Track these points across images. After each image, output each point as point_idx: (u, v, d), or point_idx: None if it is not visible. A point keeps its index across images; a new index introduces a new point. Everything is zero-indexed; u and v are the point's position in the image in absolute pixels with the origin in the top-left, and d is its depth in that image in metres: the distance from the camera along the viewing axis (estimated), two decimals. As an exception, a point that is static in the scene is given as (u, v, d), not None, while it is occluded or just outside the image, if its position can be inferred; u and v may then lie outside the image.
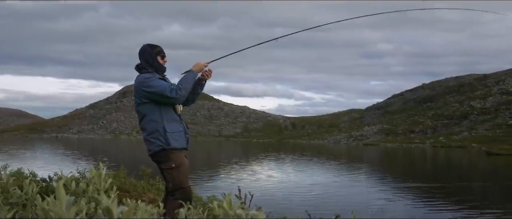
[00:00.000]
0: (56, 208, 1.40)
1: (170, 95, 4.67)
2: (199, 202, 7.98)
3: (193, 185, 14.51)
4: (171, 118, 4.86)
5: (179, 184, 4.68)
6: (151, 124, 4.78)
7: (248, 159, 40.00)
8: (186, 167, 4.86)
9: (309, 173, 26.84)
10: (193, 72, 4.99)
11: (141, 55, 4.94)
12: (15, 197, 2.19)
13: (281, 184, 20.46)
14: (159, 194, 8.38)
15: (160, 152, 4.74)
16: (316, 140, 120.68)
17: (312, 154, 51.07)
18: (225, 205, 1.46)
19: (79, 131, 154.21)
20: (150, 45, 4.99)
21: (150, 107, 4.78)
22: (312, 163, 36.91)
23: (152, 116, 4.77)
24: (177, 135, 4.82)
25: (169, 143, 4.72)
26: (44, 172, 8.48)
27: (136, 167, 13.72)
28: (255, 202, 5.16)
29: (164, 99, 4.72)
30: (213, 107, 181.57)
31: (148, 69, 4.85)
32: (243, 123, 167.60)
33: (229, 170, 27.72)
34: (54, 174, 7.46)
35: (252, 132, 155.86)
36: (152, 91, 4.70)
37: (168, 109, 4.84)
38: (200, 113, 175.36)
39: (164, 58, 4.99)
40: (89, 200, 2.08)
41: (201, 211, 2.59)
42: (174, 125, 4.85)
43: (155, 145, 4.73)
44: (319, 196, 16.58)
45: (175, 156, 4.75)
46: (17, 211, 1.98)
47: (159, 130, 4.74)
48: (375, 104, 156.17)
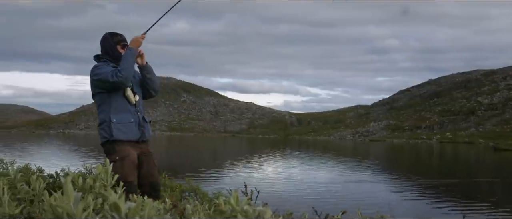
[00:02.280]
0: (63, 204, 1.40)
1: (111, 79, 4.42)
2: (205, 198, 7.98)
3: (200, 181, 14.55)
4: (120, 108, 4.60)
5: (123, 178, 4.44)
6: (101, 115, 4.61)
7: (253, 156, 40.02)
8: (130, 161, 4.51)
9: (315, 169, 26.83)
10: (131, 49, 4.64)
11: (101, 44, 4.74)
12: (22, 193, 2.20)
13: (287, 180, 20.46)
14: (165, 190, 8.39)
15: (106, 144, 4.56)
16: (322, 136, 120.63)
17: (318, 151, 51.03)
18: (232, 201, 1.45)
19: (86, 127, 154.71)
20: (111, 33, 4.77)
21: (101, 97, 4.60)
22: (318, 159, 36.89)
23: (103, 106, 4.60)
24: (124, 126, 4.56)
25: (113, 134, 4.49)
26: (51, 168, 8.52)
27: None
28: (261, 198, 5.16)
29: (110, 85, 4.48)
30: (219, 103, 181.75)
31: (105, 58, 4.66)
32: (248, 120, 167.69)
33: (235, 166, 27.75)
34: (61, 170, 7.47)
35: (258, 128, 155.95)
36: (98, 78, 4.51)
37: (118, 98, 4.60)
38: (205, 109, 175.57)
39: (125, 47, 4.71)
40: (96, 196, 2.09)
41: (207, 207, 2.59)
42: (123, 116, 4.58)
43: (101, 137, 4.57)
44: (325, 193, 16.56)
45: (119, 149, 4.49)
46: (25, 207, 1.99)
47: (106, 121, 4.55)
48: (381, 100, 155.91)
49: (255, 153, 43.46)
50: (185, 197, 8.42)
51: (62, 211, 1.40)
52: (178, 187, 8.93)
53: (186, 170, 21.63)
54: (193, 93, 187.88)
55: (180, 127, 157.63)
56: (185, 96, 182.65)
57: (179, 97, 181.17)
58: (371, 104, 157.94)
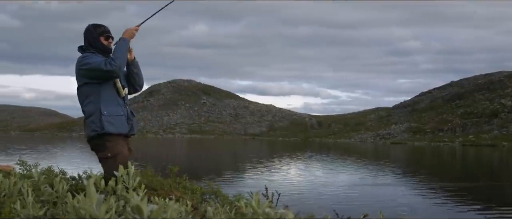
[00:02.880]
0: (86, 205, 1.41)
1: (105, 68, 4.32)
2: (226, 200, 7.99)
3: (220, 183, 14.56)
4: (111, 100, 4.50)
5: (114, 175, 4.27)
6: (89, 107, 4.45)
7: (273, 158, 39.97)
8: (123, 157, 4.37)
9: (335, 172, 26.69)
10: (124, 39, 4.59)
11: (84, 35, 4.62)
12: (46, 194, 2.23)
13: (308, 183, 20.38)
14: (185, 192, 8.42)
15: (95, 138, 4.41)
16: (343, 138, 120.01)
17: (339, 153, 50.75)
18: (254, 203, 1.45)
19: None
20: (94, 25, 4.66)
21: (89, 88, 4.45)
22: (338, 162, 36.69)
23: (91, 98, 4.45)
24: (115, 119, 4.44)
25: (103, 127, 4.34)
26: (74, 170, 8.61)
27: (162, 165, 13.83)
28: (282, 201, 5.14)
29: (101, 74, 4.37)
30: (239, 105, 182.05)
31: (90, 50, 4.55)
32: (268, 122, 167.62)
33: (255, 169, 27.74)
34: (83, 172, 7.57)
35: (278, 130, 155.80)
36: (89, 67, 4.37)
37: (108, 90, 4.49)
38: (225, 111, 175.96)
39: (109, 39, 4.63)
40: (118, 198, 2.10)
41: (228, 209, 2.59)
42: (113, 108, 4.48)
43: (91, 130, 4.40)
44: (346, 196, 16.46)
45: (111, 145, 4.38)
46: (48, 208, 2.01)
47: (95, 113, 4.40)
48: (402, 102, 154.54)
49: (275, 156, 43.42)
50: (206, 200, 8.44)
51: (85, 213, 1.41)
52: (199, 189, 8.95)
53: (207, 173, 21.69)
54: (213, 95, 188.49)
55: (200, 129, 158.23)
56: (205, 98, 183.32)
57: (199, 100, 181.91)
58: (392, 106, 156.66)
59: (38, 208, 1.94)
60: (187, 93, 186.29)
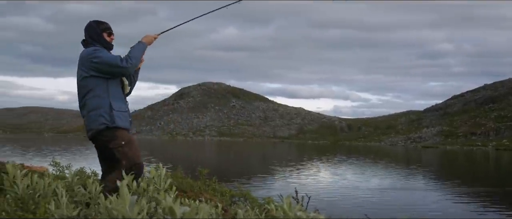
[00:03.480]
0: (119, 206, 1.42)
1: (121, 64, 4.36)
2: (255, 203, 7.99)
3: (249, 186, 14.58)
4: (118, 95, 4.53)
5: (134, 159, 4.28)
6: (95, 100, 4.40)
7: (303, 161, 39.82)
8: (136, 142, 4.51)
9: (366, 175, 26.42)
10: (143, 43, 4.67)
11: (86, 31, 4.63)
12: (79, 195, 2.26)
13: (338, 186, 20.21)
14: (215, 195, 8.45)
15: (105, 131, 4.35)
16: (373, 142, 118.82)
17: (369, 157, 50.25)
18: (285, 206, 1.44)
19: (138, 132, 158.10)
20: (96, 21, 4.68)
21: (97, 81, 4.42)
22: (368, 165, 36.33)
23: (98, 91, 4.41)
24: (122, 115, 4.48)
25: (114, 121, 4.34)
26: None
27: (192, 167, 13.92)
28: (312, 205, 5.11)
29: (114, 69, 4.40)
30: (268, 108, 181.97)
31: (95, 44, 4.54)
32: (298, 125, 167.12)
33: (284, 172, 27.67)
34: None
35: (307, 133, 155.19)
36: (102, 61, 4.37)
37: (116, 85, 4.53)
38: (255, 114, 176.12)
39: (111, 35, 4.66)
40: (149, 199, 2.11)
41: (258, 212, 2.58)
42: (121, 104, 4.51)
43: (99, 123, 4.33)
44: (376, 199, 16.27)
45: (121, 133, 4.38)
46: (82, 209, 2.03)
47: (104, 107, 4.37)
48: (433, 106, 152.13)
49: (305, 159, 43.25)
50: (235, 202, 8.45)
51: (117, 214, 1.42)
52: (228, 192, 8.97)
53: (235, 175, 21.74)
54: (243, 98, 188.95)
55: (229, 132, 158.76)
56: (234, 101, 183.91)
57: (228, 102, 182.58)
58: (423, 109, 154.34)
59: (72, 209, 1.97)
60: (216, 96, 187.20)
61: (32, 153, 37.92)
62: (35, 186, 2.20)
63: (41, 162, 19.54)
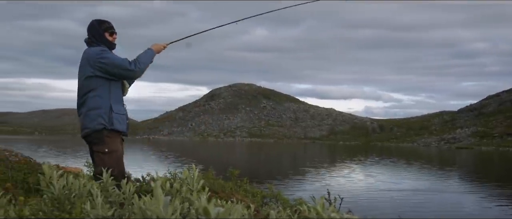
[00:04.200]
0: (153, 207, 1.43)
1: (130, 67, 4.40)
2: (287, 204, 7.98)
3: (280, 187, 14.55)
4: (119, 98, 4.57)
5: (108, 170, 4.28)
6: (95, 100, 4.43)
7: (334, 162, 39.57)
8: (119, 154, 4.49)
9: (398, 177, 26.07)
10: (152, 50, 4.71)
11: (89, 31, 4.64)
12: (114, 196, 2.29)
13: (370, 188, 20.00)
14: (246, 195, 8.47)
15: (100, 132, 4.39)
16: (405, 143, 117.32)
17: (402, 158, 49.60)
18: (318, 208, 1.43)
19: (169, 133, 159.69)
20: (98, 21, 4.69)
21: (100, 82, 4.44)
22: (401, 167, 35.86)
23: (100, 92, 4.43)
24: (121, 118, 4.52)
25: (113, 123, 4.40)
26: (138, 172, 8.84)
27: (223, 168, 13.97)
28: (345, 206, 5.06)
29: (122, 72, 4.43)
30: (299, 109, 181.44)
31: (99, 44, 4.57)
32: (329, 126, 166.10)
33: (315, 173, 27.54)
34: (147, 175, 7.75)
35: (338, 134, 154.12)
36: (110, 62, 4.39)
37: (117, 88, 4.56)
38: (285, 115, 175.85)
39: (113, 34, 4.68)
40: (182, 200, 2.13)
41: (290, 213, 2.57)
42: (120, 107, 4.55)
43: (97, 123, 4.38)
44: (410, 201, 16.04)
45: (110, 141, 4.41)
46: (116, 209, 2.06)
47: (104, 108, 4.41)
48: (468, 106, 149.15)
49: (336, 160, 42.98)
50: (266, 203, 8.45)
51: (151, 214, 1.43)
52: (259, 193, 8.98)
53: (266, 176, 21.75)
54: (273, 99, 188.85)
55: (260, 133, 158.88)
56: (265, 102, 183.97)
57: (259, 103, 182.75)
58: (457, 110, 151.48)
59: (106, 209, 2.00)
60: (247, 97, 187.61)
61: (67, 154, 38.70)
62: (70, 186, 2.24)
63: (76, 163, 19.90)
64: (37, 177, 4.46)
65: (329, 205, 2.57)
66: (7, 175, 7.58)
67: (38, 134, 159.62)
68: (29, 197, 4.66)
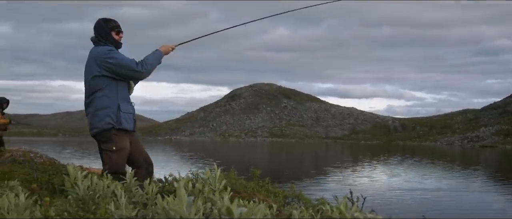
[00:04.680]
0: (176, 207, 1.44)
1: (137, 68, 4.44)
2: (309, 204, 7.95)
3: (301, 187, 14.52)
4: (126, 97, 4.63)
5: (116, 168, 4.39)
6: (103, 100, 4.48)
7: (356, 161, 39.32)
8: (126, 152, 4.60)
9: (422, 176, 25.78)
10: (160, 52, 4.74)
11: (95, 29, 4.68)
12: (137, 196, 2.31)
13: (393, 187, 19.81)
14: (268, 195, 8.46)
15: (108, 130, 4.48)
16: (428, 142, 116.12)
17: (425, 157, 49.07)
18: (342, 207, 1.42)
19: (191, 134, 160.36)
20: (104, 19, 4.72)
21: (107, 81, 4.49)
22: (424, 166, 35.47)
23: (106, 91, 4.49)
24: (128, 117, 4.60)
25: (121, 122, 4.48)
26: (160, 172, 8.90)
27: (245, 168, 13.99)
28: (367, 206, 5.02)
29: (128, 72, 4.48)
30: (320, 108, 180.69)
31: (106, 43, 4.60)
32: (350, 125, 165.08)
33: (337, 172, 27.41)
34: (169, 175, 7.79)
35: (360, 133, 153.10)
36: (117, 62, 4.44)
37: (124, 87, 4.61)
38: (306, 115, 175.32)
39: (119, 33, 4.72)
40: (205, 200, 2.13)
41: (312, 213, 2.55)
42: (127, 105, 4.63)
43: (105, 123, 4.47)
44: (433, 201, 15.85)
45: (118, 139, 4.50)
46: (139, 209, 2.08)
47: (112, 107, 4.47)
48: (492, 104, 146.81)
49: (358, 159, 42.69)
50: (288, 203, 8.43)
51: (174, 214, 1.44)
52: (281, 193, 8.97)
53: (288, 176, 21.71)
54: (294, 99, 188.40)
55: (281, 133, 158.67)
56: (286, 102, 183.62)
57: (280, 103, 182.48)
58: (481, 108, 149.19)
59: (130, 209, 2.02)
60: (268, 97, 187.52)
61: (91, 156, 39.15)
62: (95, 187, 2.26)
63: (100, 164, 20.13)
64: (62, 178, 4.52)
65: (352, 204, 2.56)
66: (32, 176, 7.70)
67: (62, 136, 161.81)
68: (54, 198, 4.73)
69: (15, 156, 11.28)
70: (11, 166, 9.99)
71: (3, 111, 12.37)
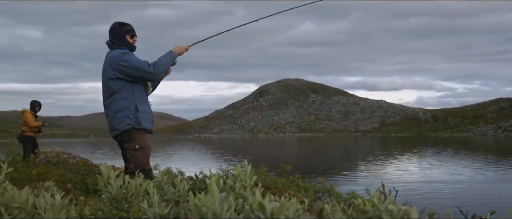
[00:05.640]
0: (208, 203, 1.44)
1: (149, 69, 4.53)
2: (340, 198, 7.91)
3: (331, 181, 14.45)
4: (143, 97, 4.73)
5: (141, 165, 4.49)
6: (121, 102, 4.61)
7: (387, 154, 38.91)
8: (149, 149, 4.76)
9: (454, 168, 25.33)
10: (173, 52, 4.82)
11: (111, 33, 4.78)
12: (169, 194, 2.32)
13: (426, 179, 19.52)
14: (299, 191, 8.45)
15: (128, 131, 4.60)
16: (460, 132, 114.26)
17: (457, 148, 48.26)
18: (375, 200, 1.40)
19: (220, 131, 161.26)
20: (120, 23, 4.82)
21: (123, 84, 4.61)
22: (457, 157, 34.87)
23: (123, 94, 4.61)
24: (147, 117, 4.70)
25: (140, 122, 4.60)
26: (191, 170, 8.97)
27: (274, 164, 13.99)
28: (400, 199, 4.96)
29: (141, 74, 4.57)
30: (349, 102, 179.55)
31: (120, 46, 4.70)
32: (380, 118, 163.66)
33: (368, 166, 27.17)
34: (199, 172, 7.85)
35: (390, 126, 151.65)
36: (129, 65, 4.54)
37: (141, 89, 4.72)
38: (335, 109, 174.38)
39: (133, 37, 4.81)
40: (236, 196, 2.14)
41: (345, 207, 2.53)
42: (145, 106, 4.73)
43: (125, 124, 4.59)
44: (467, 192, 15.56)
45: (139, 137, 4.63)
46: (172, 207, 2.10)
47: (130, 109, 4.59)
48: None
49: (388, 152, 42.24)
50: (319, 198, 8.41)
51: (206, 211, 1.44)
52: (312, 187, 8.95)
53: (318, 171, 21.62)
54: (322, 93, 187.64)
55: (310, 128, 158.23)
56: (314, 96, 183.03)
57: (308, 98, 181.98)
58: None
59: (163, 207, 2.04)
60: (296, 92, 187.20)
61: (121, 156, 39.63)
62: (127, 186, 2.29)
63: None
64: (95, 177, 4.60)
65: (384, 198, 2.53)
66: (66, 176, 7.86)
67: (93, 137, 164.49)
68: (88, 197, 4.82)
69: (49, 157, 11.53)
70: (46, 167, 10.23)
71: (36, 114, 12.64)
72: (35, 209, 2.09)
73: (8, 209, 2.07)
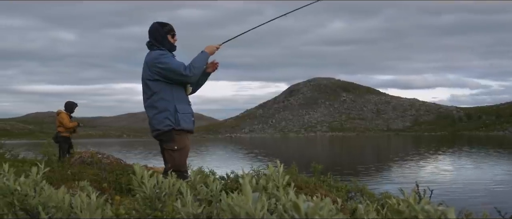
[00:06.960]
0: (241, 203, 1.44)
1: (185, 72, 4.56)
2: (372, 198, 7.83)
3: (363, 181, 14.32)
4: (182, 98, 4.75)
5: (178, 167, 4.52)
6: (161, 103, 4.66)
7: (420, 154, 38.33)
8: (187, 151, 4.81)
9: (491, 168, 24.79)
10: (206, 53, 4.82)
11: (151, 33, 4.81)
12: (202, 193, 2.33)
13: (461, 179, 19.13)
14: (331, 190, 8.40)
15: (168, 132, 4.64)
16: (495, 131, 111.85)
17: (492, 147, 47.22)
18: (411, 200, 1.37)
19: (251, 131, 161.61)
20: (160, 23, 4.85)
21: (161, 85, 4.66)
22: (492, 156, 34.12)
23: (163, 94, 4.66)
24: (186, 117, 4.72)
25: (179, 123, 4.62)
26: (222, 170, 9.01)
27: (305, 163, 13.93)
28: (435, 199, 4.89)
29: (177, 77, 4.62)
30: (380, 101, 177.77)
31: (160, 47, 4.74)
32: (412, 116, 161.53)
33: (400, 165, 26.83)
34: (231, 172, 7.88)
35: (423, 125, 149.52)
36: (167, 67, 4.59)
37: (180, 89, 4.74)
38: (367, 107, 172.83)
39: (174, 36, 4.85)
40: (269, 196, 2.13)
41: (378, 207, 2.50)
42: (185, 106, 4.75)
43: (165, 125, 4.63)
44: (503, 194, 15.21)
45: (179, 138, 4.67)
46: (205, 207, 2.11)
47: (169, 109, 4.63)
48: None
49: (422, 151, 41.60)
50: (352, 197, 8.34)
51: (239, 211, 1.44)
52: (344, 187, 8.88)
53: (350, 171, 21.46)
54: (353, 92, 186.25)
55: (341, 127, 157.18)
56: (345, 95, 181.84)
57: (339, 97, 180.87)
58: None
59: (196, 206, 2.05)
60: (326, 91, 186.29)
61: (156, 156, 40.17)
62: (161, 185, 2.31)
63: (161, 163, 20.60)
64: (129, 177, 4.66)
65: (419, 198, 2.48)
66: (101, 176, 7.99)
67: (126, 137, 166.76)
68: (122, 196, 4.89)
69: (84, 157, 11.75)
70: (81, 167, 10.42)
71: (71, 115, 12.87)
72: (71, 208, 2.12)
73: (45, 208, 2.11)
